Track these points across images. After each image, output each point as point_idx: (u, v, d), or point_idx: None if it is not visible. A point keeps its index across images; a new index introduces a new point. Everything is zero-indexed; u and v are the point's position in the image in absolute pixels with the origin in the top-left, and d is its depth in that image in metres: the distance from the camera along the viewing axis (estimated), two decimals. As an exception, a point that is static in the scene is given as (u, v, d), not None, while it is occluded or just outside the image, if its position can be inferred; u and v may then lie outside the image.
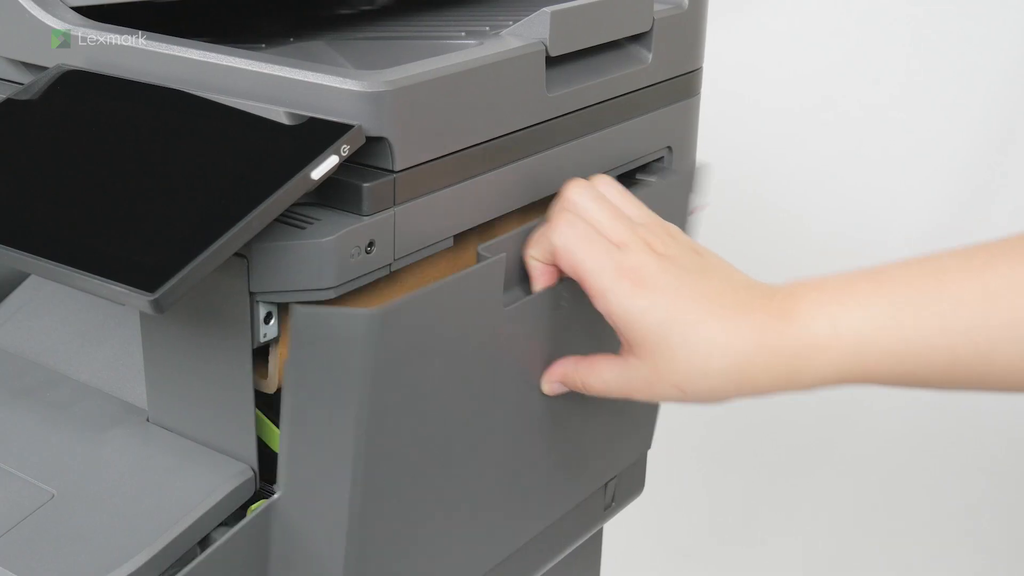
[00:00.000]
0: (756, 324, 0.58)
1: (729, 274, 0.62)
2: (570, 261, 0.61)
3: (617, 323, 0.60)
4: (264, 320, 0.58)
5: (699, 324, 0.58)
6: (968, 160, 1.56)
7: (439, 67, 0.58)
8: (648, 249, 0.61)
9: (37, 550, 0.55)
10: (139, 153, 0.58)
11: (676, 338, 0.58)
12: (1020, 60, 1.51)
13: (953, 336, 0.56)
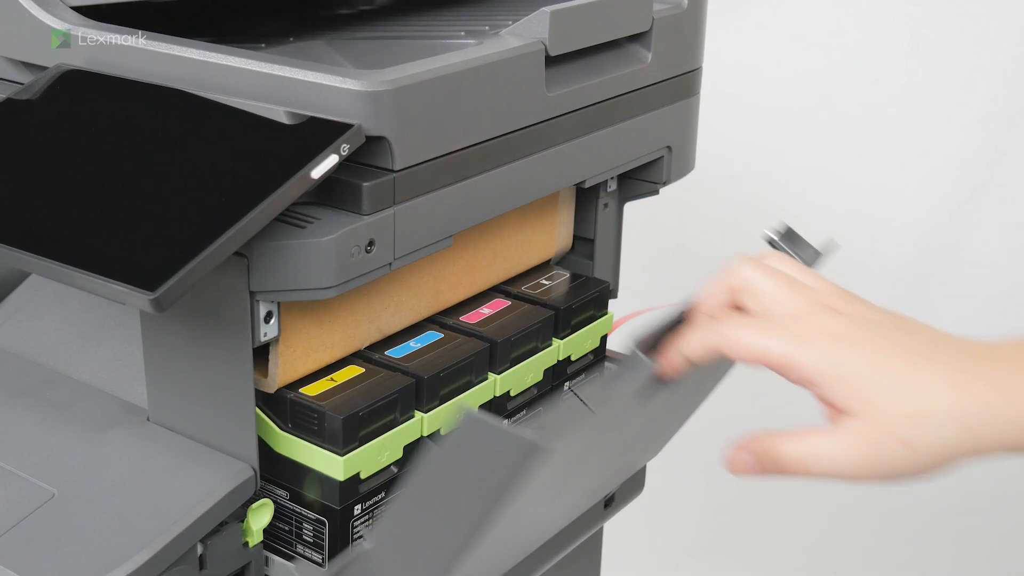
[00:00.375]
0: (982, 377, 0.51)
1: (932, 331, 0.54)
2: (753, 355, 0.53)
3: (818, 381, 0.52)
4: (264, 319, 0.58)
5: (916, 369, 0.51)
6: (967, 160, 1.56)
7: (439, 67, 0.58)
8: (834, 312, 0.54)
9: (37, 550, 0.55)
10: (139, 153, 0.58)
11: (894, 378, 0.51)
12: (1019, 60, 1.51)
13: None
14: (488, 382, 0.70)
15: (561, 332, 0.75)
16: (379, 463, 0.64)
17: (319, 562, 0.64)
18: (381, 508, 0.65)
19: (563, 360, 0.76)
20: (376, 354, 0.68)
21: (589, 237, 0.83)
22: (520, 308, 0.74)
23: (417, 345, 0.69)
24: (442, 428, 0.67)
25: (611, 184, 0.81)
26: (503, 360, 0.71)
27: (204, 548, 0.59)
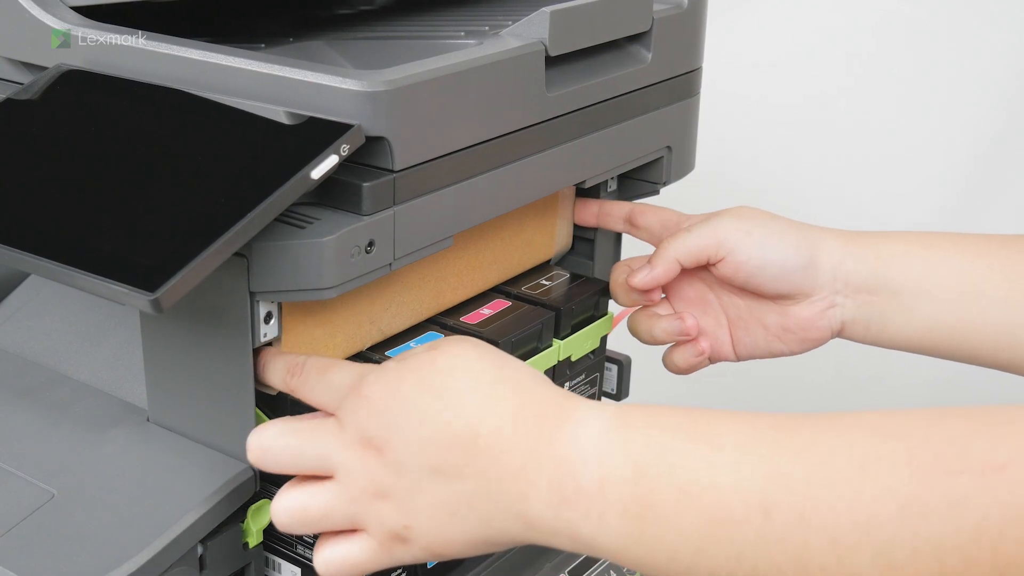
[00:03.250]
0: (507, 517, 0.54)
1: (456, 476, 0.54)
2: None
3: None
4: (264, 320, 0.58)
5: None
6: (968, 160, 1.56)
7: (438, 67, 0.58)
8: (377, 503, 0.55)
9: (37, 550, 0.55)
10: (139, 153, 0.58)
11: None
12: (1020, 60, 1.51)
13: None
14: (488, 382, 0.70)
15: (561, 332, 0.75)
16: (379, 463, 0.64)
17: (319, 562, 0.64)
18: (381, 508, 0.65)
19: (563, 360, 0.76)
20: (376, 355, 0.68)
21: (589, 237, 0.83)
22: (520, 308, 0.74)
23: (416, 345, 0.69)
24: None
25: (611, 184, 0.81)
26: (503, 360, 0.71)
27: (204, 549, 0.59)
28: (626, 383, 0.86)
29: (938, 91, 1.55)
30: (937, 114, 1.55)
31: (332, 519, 0.56)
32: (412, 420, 0.54)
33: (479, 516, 0.54)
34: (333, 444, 0.56)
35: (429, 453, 0.54)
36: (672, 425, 0.51)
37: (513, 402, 0.54)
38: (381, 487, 0.55)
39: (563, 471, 0.51)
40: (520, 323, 0.72)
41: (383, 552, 0.56)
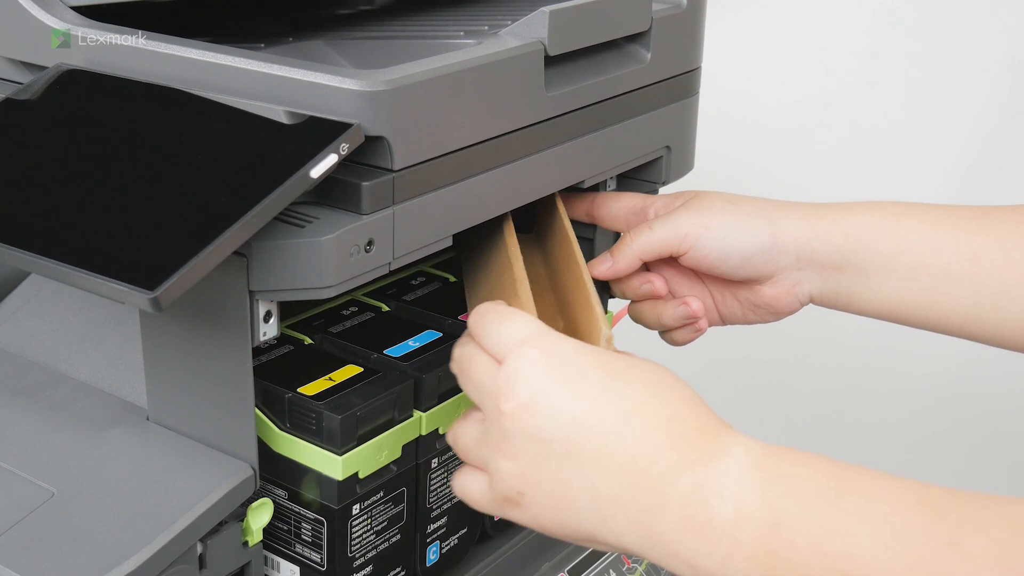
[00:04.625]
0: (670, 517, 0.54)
1: (597, 462, 0.55)
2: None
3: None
4: (264, 318, 0.58)
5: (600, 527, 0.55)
6: (968, 160, 1.56)
7: (438, 67, 0.58)
8: (508, 475, 0.56)
9: (37, 549, 0.55)
10: (139, 152, 0.58)
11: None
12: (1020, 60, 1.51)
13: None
14: (487, 382, 0.70)
15: (560, 332, 0.75)
16: (378, 462, 0.64)
17: (318, 562, 0.64)
18: (380, 508, 0.65)
19: (562, 360, 0.76)
20: (374, 353, 0.68)
21: (589, 237, 0.83)
22: (519, 308, 0.74)
23: (416, 344, 0.69)
24: (441, 427, 0.67)
25: (610, 184, 0.81)
26: (502, 360, 0.71)
27: (204, 548, 0.59)
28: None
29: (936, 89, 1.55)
30: (935, 112, 1.55)
31: (470, 454, 0.59)
32: (570, 391, 0.54)
33: (597, 512, 0.53)
34: (486, 388, 0.56)
35: (569, 431, 0.53)
36: (818, 479, 0.50)
37: (672, 411, 0.53)
38: (512, 447, 0.55)
39: (698, 497, 0.51)
40: (519, 322, 0.72)
41: (495, 504, 0.58)
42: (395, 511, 0.66)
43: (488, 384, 0.56)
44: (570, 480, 0.53)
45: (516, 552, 0.76)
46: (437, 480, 0.68)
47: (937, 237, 0.70)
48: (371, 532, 0.65)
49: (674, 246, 0.72)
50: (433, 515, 0.69)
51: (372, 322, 0.72)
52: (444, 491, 0.69)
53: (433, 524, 0.69)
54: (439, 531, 0.70)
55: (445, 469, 0.69)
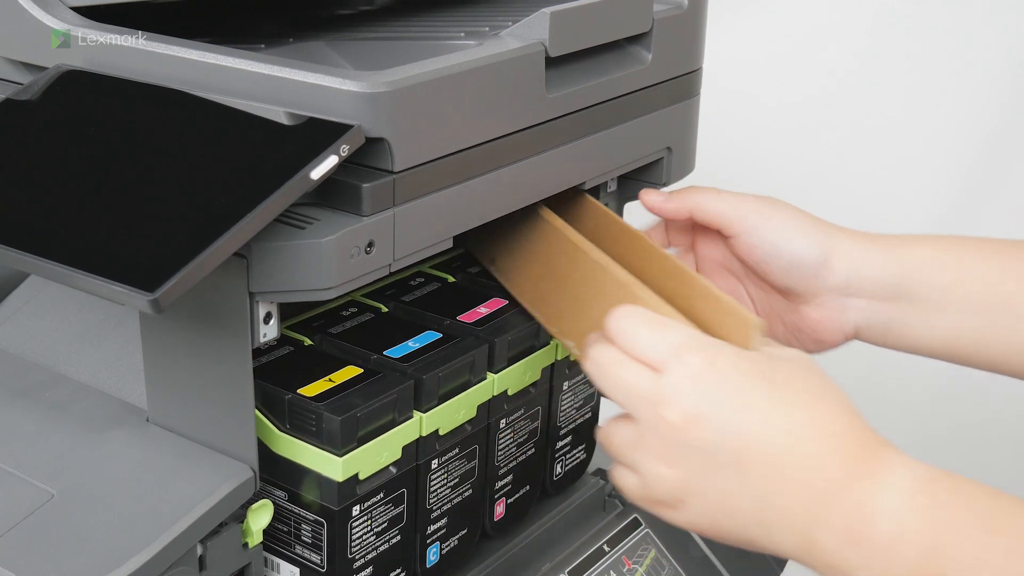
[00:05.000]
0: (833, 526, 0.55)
1: (755, 473, 0.56)
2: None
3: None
4: (264, 320, 0.58)
5: (761, 533, 0.56)
6: (969, 160, 1.56)
7: (438, 67, 0.58)
8: (665, 481, 0.57)
9: (37, 550, 0.55)
10: (139, 153, 0.58)
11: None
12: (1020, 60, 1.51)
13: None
14: (487, 382, 0.70)
15: (560, 333, 0.75)
16: (378, 464, 0.64)
17: (318, 563, 0.64)
18: (380, 509, 0.65)
19: (562, 359, 0.76)
20: (374, 354, 0.68)
21: (589, 237, 0.83)
22: (517, 307, 0.74)
23: (415, 345, 0.69)
24: (441, 428, 0.67)
25: (611, 185, 0.81)
26: (501, 359, 0.71)
27: (204, 549, 0.59)
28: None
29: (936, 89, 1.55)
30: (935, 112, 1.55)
31: (622, 455, 0.60)
32: (735, 406, 0.54)
33: (760, 520, 0.54)
34: (643, 395, 0.57)
35: (738, 443, 0.54)
36: (977, 509, 0.51)
37: (839, 424, 0.54)
38: (672, 455, 0.56)
39: (860, 514, 0.52)
40: (517, 322, 0.72)
41: (647, 502, 0.58)
42: (395, 512, 0.66)
43: (646, 391, 0.57)
44: (735, 491, 0.54)
45: (516, 552, 0.76)
46: (437, 481, 0.68)
47: (997, 270, 0.69)
48: (371, 533, 0.65)
49: (729, 221, 0.71)
50: (433, 516, 0.69)
51: (372, 323, 0.72)
52: (444, 492, 0.69)
53: (433, 525, 0.69)
54: (439, 532, 0.70)
55: (445, 470, 0.69)
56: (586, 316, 0.66)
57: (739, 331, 0.60)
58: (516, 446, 0.74)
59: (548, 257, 0.70)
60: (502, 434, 0.73)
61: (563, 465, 0.80)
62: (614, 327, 0.59)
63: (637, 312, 0.59)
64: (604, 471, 0.85)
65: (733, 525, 0.56)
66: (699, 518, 0.56)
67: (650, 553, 0.81)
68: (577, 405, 0.80)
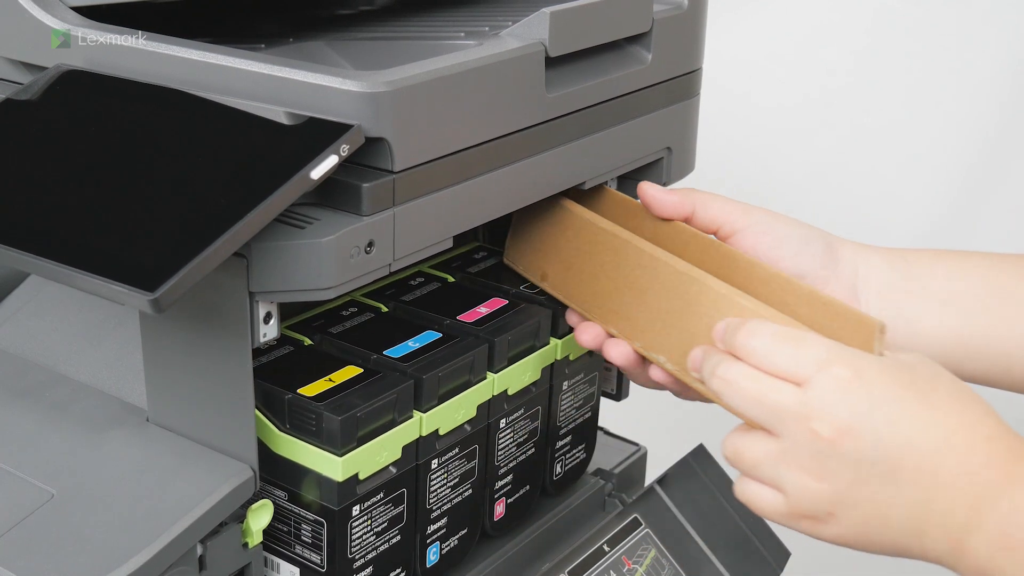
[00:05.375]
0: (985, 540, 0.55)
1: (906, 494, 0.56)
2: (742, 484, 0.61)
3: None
4: (264, 320, 0.58)
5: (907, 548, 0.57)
6: (969, 161, 1.56)
7: (438, 67, 0.58)
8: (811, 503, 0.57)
9: (37, 551, 0.55)
10: (139, 153, 0.58)
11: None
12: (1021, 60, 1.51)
13: None
14: (487, 381, 0.70)
15: (559, 331, 0.75)
16: (378, 463, 0.64)
17: (318, 563, 0.64)
18: (380, 509, 0.65)
19: (561, 359, 0.76)
20: (374, 354, 0.68)
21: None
22: (517, 307, 0.74)
23: (415, 345, 0.69)
24: (441, 428, 0.67)
25: (611, 185, 0.81)
26: (501, 359, 0.71)
27: (204, 549, 0.59)
28: (626, 384, 0.86)
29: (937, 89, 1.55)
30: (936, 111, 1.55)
31: (760, 471, 0.58)
32: (888, 415, 0.54)
33: (912, 528, 0.54)
34: (789, 410, 0.56)
35: (892, 452, 0.54)
36: None
37: (989, 428, 0.54)
38: (824, 468, 0.55)
39: (1014, 519, 0.52)
40: (517, 321, 0.72)
41: (790, 518, 0.58)
42: (395, 512, 0.66)
43: (791, 406, 0.56)
44: (889, 500, 0.54)
45: (516, 552, 0.76)
46: (437, 481, 0.68)
47: (996, 266, 0.69)
48: (371, 533, 0.65)
49: (735, 218, 0.71)
50: (433, 516, 0.69)
51: (371, 323, 0.72)
52: (444, 492, 0.69)
53: (433, 525, 0.69)
54: (439, 532, 0.70)
55: (445, 470, 0.69)
56: (678, 329, 0.65)
57: (860, 335, 0.59)
58: (516, 446, 0.74)
59: (617, 269, 0.69)
60: (502, 434, 0.73)
61: (563, 465, 0.80)
62: (745, 344, 0.58)
63: (768, 328, 0.58)
64: (604, 471, 0.85)
65: (884, 534, 0.55)
66: (849, 530, 0.56)
67: (650, 553, 0.81)
68: (577, 405, 0.80)
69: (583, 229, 0.71)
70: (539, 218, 0.74)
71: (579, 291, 0.72)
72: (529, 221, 0.76)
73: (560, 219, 0.73)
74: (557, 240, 0.73)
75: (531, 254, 0.76)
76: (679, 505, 0.82)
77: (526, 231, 0.76)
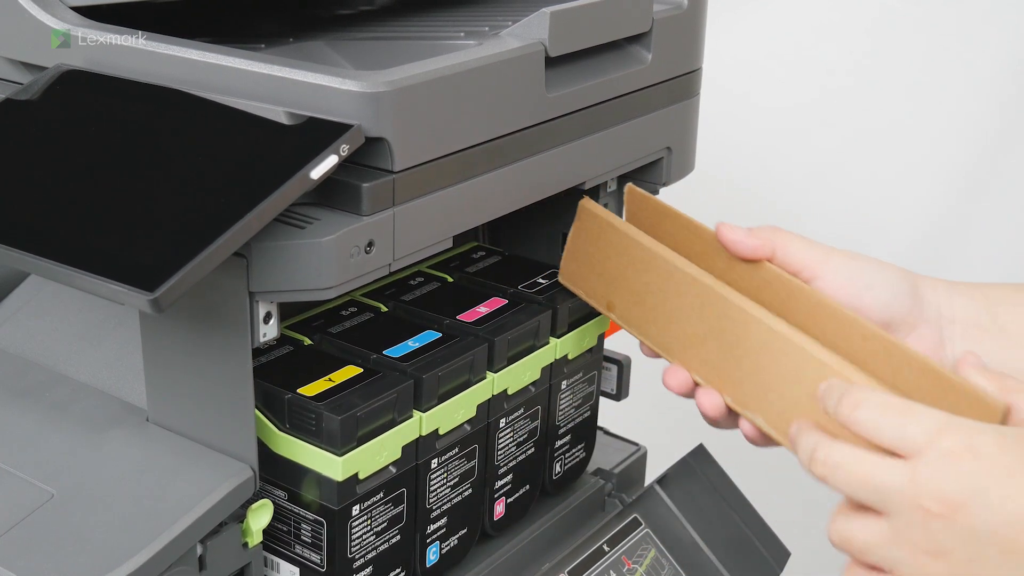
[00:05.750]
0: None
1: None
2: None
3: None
4: (264, 319, 0.58)
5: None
6: (969, 161, 1.56)
7: (438, 67, 0.58)
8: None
9: (37, 550, 0.55)
10: (139, 153, 0.58)
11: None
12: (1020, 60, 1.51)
13: None
14: (486, 381, 0.70)
15: (558, 330, 0.75)
16: (378, 463, 0.64)
17: (317, 563, 0.64)
18: (380, 509, 0.65)
19: (561, 358, 0.76)
20: (374, 354, 0.68)
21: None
22: (517, 307, 0.74)
23: (415, 345, 0.69)
24: (440, 428, 0.67)
25: (611, 184, 0.81)
26: (501, 359, 0.71)
27: (204, 549, 0.59)
28: (626, 384, 0.86)
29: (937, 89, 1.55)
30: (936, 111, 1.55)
31: (871, 554, 0.56)
32: (1003, 489, 0.53)
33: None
34: (898, 489, 0.54)
35: (1009, 528, 0.52)
36: None
37: None
38: (940, 547, 0.53)
39: None
40: (516, 321, 0.72)
41: None
42: (395, 512, 0.66)
43: (900, 485, 0.54)
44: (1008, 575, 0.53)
45: (516, 552, 0.76)
46: (437, 481, 0.68)
47: None
48: (371, 533, 0.65)
49: (816, 262, 0.67)
50: (433, 516, 0.69)
51: (371, 322, 0.72)
52: (444, 492, 0.69)
53: (433, 525, 0.69)
54: (439, 532, 0.70)
55: (445, 470, 0.69)
56: (777, 392, 0.62)
57: (979, 415, 0.57)
58: (516, 445, 0.74)
59: (701, 317, 0.65)
60: (502, 433, 0.73)
61: (563, 464, 0.80)
62: (851, 416, 0.56)
63: (875, 398, 0.56)
64: (604, 471, 0.85)
65: None
66: None
67: (650, 553, 0.81)
68: (576, 404, 0.80)
69: (654, 263, 0.67)
70: (601, 241, 0.71)
71: (655, 329, 0.68)
72: (589, 242, 0.72)
73: (626, 248, 0.69)
74: (624, 270, 0.69)
75: (593, 279, 0.72)
76: (679, 505, 0.82)
77: (585, 253, 0.72)
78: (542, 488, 0.79)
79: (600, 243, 0.71)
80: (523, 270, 0.79)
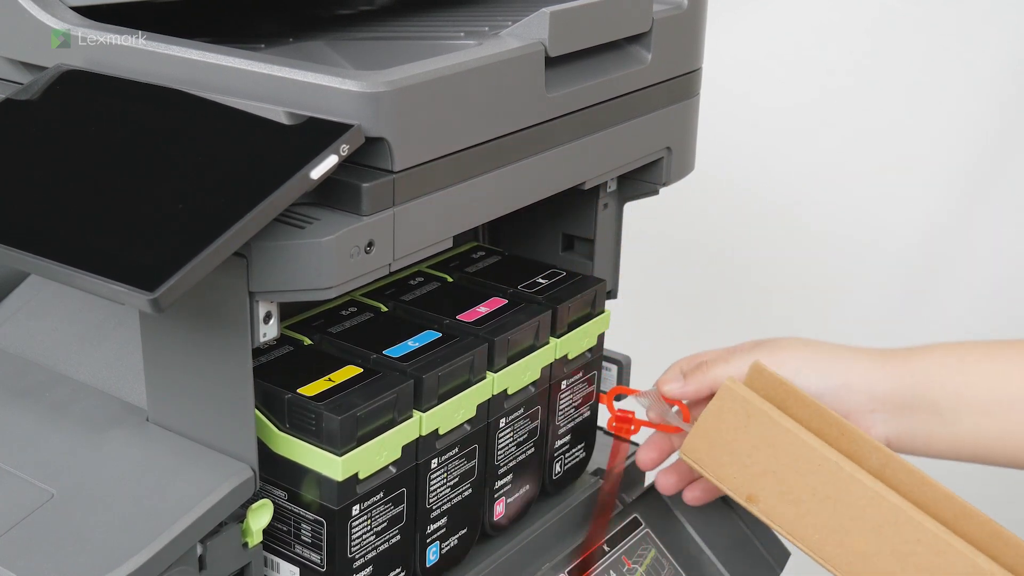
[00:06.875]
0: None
1: None
2: None
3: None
4: (263, 319, 0.58)
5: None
6: (969, 161, 1.56)
7: (438, 67, 0.58)
8: None
9: (36, 550, 0.55)
10: (139, 153, 0.58)
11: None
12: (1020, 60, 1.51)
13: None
14: (486, 381, 0.70)
15: (558, 330, 0.75)
16: (377, 463, 0.64)
17: (317, 563, 0.64)
18: (380, 509, 0.65)
19: (560, 358, 0.76)
20: (374, 354, 0.68)
21: (589, 237, 0.83)
22: (517, 307, 0.74)
23: (415, 345, 0.69)
24: (440, 428, 0.67)
25: (611, 184, 0.81)
26: (501, 359, 0.71)
27: (204, 549, 0.59)
28: (625, 384, 0.86)
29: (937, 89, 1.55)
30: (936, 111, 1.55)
31: None
32: None
33: None
34: None
35: None
36: None
37: None
38: None
39: None
40: (516, 321, 0.72)
41: None
42: (395, 512, 0.66)
43: None
44: None
45: (516, 552, 0.76)
46: (437, 481, 0.69)
47: (1002, 365, 0.70)
48: (371, 533, 0.65)
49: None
50: (433, 515, 0.69)
51: (371, 322, 0.72)
52: (444, 491, 0.69)
53: (433, 525, 0.69)
54: (439, 531, 0.70)
55: (445, 470, 0.69)
56: None
57: None
58: (515, 445, 0.74)
59: (880, 536, 0.61)
60: (502, 433, 0.73)
61: (562, 464, 0.80)
62: None
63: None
64: (603, 470, 0.85)
65: None
66: None
67: (650, 553, 0.81)
68: (576, 404, 0.80)
69: (824, 467, 0.63)
70: (748, 429, 0.67)
71: (817, 537, 0.64)
72: (731, 427, 0.68)
73: (786, 445, 0.65)
74: (779, 466, 0.65)
75: (730, 465, 0.67)
76: (679, 505, 0.82)
77: (723, 437, 0.68)
78: (542, 488, 0.79)
79: (747, 431, 0.67)
80: (523, 270, 0.79)
